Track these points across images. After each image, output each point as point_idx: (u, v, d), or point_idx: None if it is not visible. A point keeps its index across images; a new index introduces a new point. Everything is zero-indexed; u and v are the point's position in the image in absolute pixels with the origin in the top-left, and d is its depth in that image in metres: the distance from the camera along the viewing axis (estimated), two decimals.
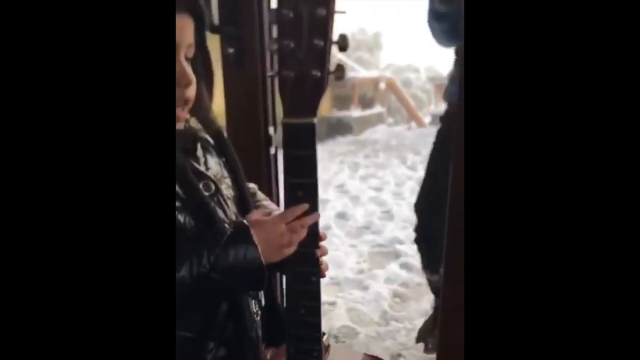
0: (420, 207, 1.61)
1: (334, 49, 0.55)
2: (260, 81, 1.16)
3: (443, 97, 1.49)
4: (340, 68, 0.56)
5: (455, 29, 1.14)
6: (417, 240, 1.67)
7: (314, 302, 0.70)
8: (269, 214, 0.72)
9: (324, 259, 0.71)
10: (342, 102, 8.41)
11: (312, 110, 0.57)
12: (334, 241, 3.15)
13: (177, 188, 0.66)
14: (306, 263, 0.68)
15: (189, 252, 0.64)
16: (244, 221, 0.68)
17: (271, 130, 1.23)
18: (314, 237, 0.66)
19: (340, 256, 2.91)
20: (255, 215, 0.74)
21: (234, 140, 0.82)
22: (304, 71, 0.55)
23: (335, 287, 2.55)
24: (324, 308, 0.72)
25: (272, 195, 1.27)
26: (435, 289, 1.63)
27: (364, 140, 7.52)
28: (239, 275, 0.66)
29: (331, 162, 5.29)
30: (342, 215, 3.68)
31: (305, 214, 0.63)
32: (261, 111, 1.19)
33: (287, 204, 0.64)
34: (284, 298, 0.72)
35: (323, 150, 6.00)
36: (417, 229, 1.65)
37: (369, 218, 3.67)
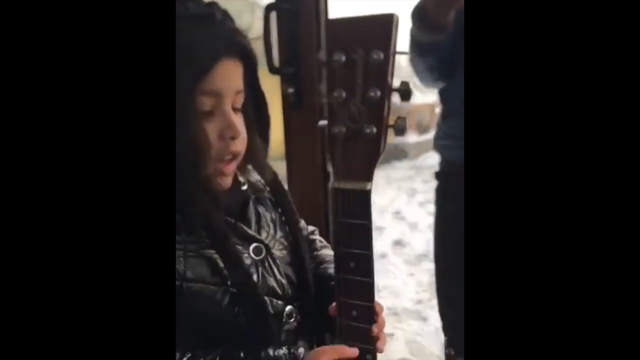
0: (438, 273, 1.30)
1: (395, 98, 0.47)
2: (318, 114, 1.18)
3: (434, 147, 1.25)
4: (402, 120, 0.47)
5: (442, 64, 1.02)
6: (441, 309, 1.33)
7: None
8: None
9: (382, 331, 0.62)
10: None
11: (367, 174, 0.48)
12: (390, 269, 3.06)
13: (219, 261, 0.63)
14: (361, 339, 0.59)
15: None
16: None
17: (329, 166, 1.22)
18: (368, 311, 0.57)
19: (398, 285, 2.82)
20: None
21: (294, 179, 0.77)
22: (357, 127, 0.47)
23: (393, 318, 2.45)
24: None
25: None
26: None
27: (419, 165, 7.42)
28: None
29: (388, 188, 5.19)
30: (399, 243, 3.58)
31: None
32: (320, 149, 1.18)
33: (338, 274, 0.56)
34: None
35: (379, 177, 5.97)
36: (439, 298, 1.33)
37: (427, 246, 3.55)
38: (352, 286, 0.56)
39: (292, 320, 0.69)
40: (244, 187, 0.73)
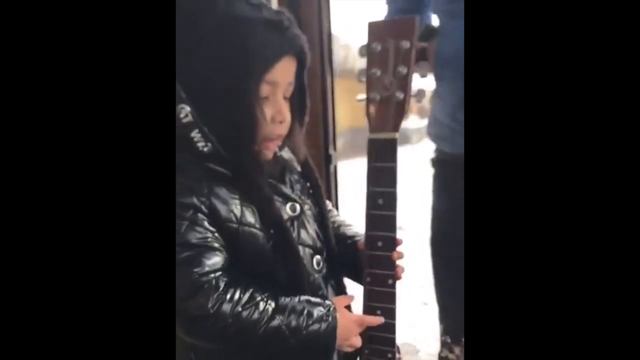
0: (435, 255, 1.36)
1: (416, 76, 0.67)
2: (322, 108, 1.30)
3: (427, 133, 1.30)
4: (421, 92, 0.68)
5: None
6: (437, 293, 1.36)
7: (390, 305, 0.77)
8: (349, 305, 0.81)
9: (400, 262, 0.78)
10: None
11: (395, 127, 0.68)
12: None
13: (261, 215, 0.75)
14: (384, 266, 0.76)
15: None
16: (331, 302, 0.78)
17: (331, 150, 1.35)
18: (391, 241, 0.75)
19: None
20: (342, 302, 0.81)
21: None
22: (389, 94, 0.67)
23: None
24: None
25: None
26: None
27: (421, 150, 7.41)
28: (304, 338, 0.73)
29: None
30: (400, 228, 3.59)
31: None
32: (322, 134, 1.31)
33: (369, 209, 0.73)
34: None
35: None
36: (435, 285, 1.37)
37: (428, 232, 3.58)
38: (379, 220, 0.73)
39: (320, 266, 0.84)
40: (282, 160, 0.87)
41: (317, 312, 0.75)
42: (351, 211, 1.03)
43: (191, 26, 0.67)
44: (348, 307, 0.82)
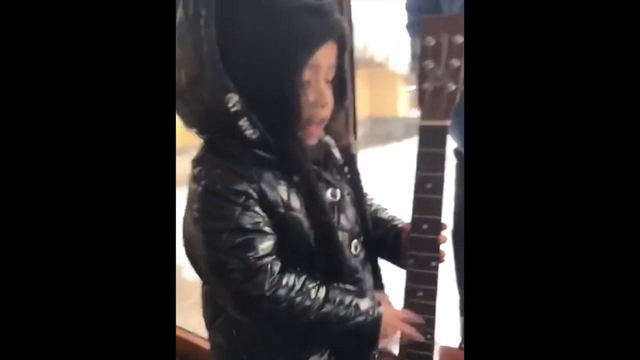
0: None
1: None
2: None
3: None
4: None
5: None
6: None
7: (431, 286, 0.81)
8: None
9: (443, 246, 0.82)
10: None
11: (447, 115, 0.72)
12: None
13: (305, 200, 0.78)
14: (428, 248, 0.80)
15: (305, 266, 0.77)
16: (375, 296, 0.81)
17: (351, 139, 1.37)
18: (437, 224, 0.78)
19: None
20: (386, 297, 0.84)
21: None
22: (441, 85, 0.71)
23: None
24: None
25: None
26: None
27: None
28: (349, 328, 0.77)
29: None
30: None
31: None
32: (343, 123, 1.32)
33: (417, 193, 0.77)
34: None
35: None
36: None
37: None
38: (426, 203, 0.77)
39: (357, 251, 0.88)
40: (325, 145, 0.90)
41: (364, 304, 0.79)
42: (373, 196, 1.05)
43: (236, 17, 0.69)
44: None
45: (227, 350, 0.89)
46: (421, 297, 0.82)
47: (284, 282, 0.75)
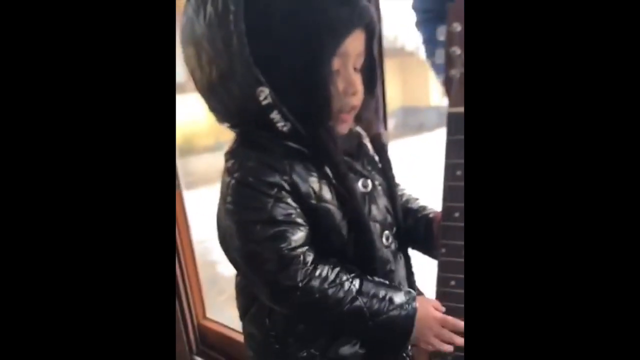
0: None
1: None
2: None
3: None
4: None
5: None
6: None
7: (463, 275, 0.80)
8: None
9: None
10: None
11: None
12: None
13: (337, 192, 0.78)
14: (460, 237, 0.77)
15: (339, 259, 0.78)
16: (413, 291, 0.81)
17: (382, 128, 1.36)
18: None
19: None
20: (425, 301, 0.82)
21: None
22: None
23: None
24: None
25: None
26: None
27: None
28: (382, 322, 0.77)
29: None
30: None
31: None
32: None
33: (447, 181, 0.76)
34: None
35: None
36: None
37: None
38: (456, 191, 0.75)
39: (389, 241, 0.88)
40: (356, 134, 0.90)
41: (398, 298, 0.79)
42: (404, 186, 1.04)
43: (264, 10, 0.69)
44: None
45: (259, 340, 0.90)
46: (454, 286, 0.82)
47: (317, 273, 0.76)
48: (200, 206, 2.05)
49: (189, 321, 2.11)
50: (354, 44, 0.73)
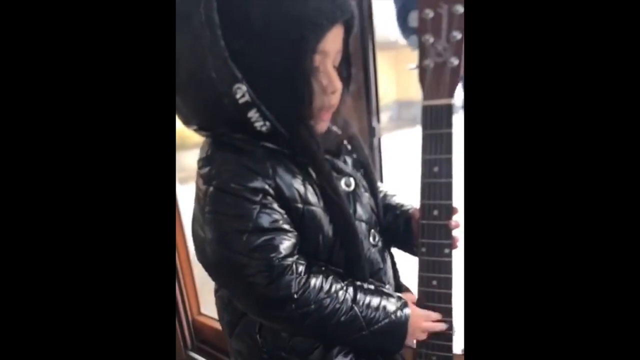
0: None
1: None
2: (364, 80, 1.25)
3: None
4: None
5: None
6: None
7: (446, 274, 0.77)
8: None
9: (456, 232, 0.77)
10: None
11: (451, 93, 0.67)
12: None
13: (322, 192, 0.74)
14: (440, 235, 0.75)
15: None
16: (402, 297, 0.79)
17: (374, 122, 1.32)
18: (448, 209, 0.74)
19: None
20: (412, 298, 0.81)
21: None
22: (443, 60, 0.66)
23: None
24: None
25: None
26: None
27: None
28: (377, 331, 0.75)
29: None
30: None
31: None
32: (365, 106, 1.27)
33: (424, 178, 0.73)
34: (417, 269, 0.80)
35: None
36: None
37: None
38: (434, 188, 0.72)
39: (376, 240, 0.84)
40: (335, 133, 0.85)
41: (391, 306, 0.76)
42: (396, 184, 1.02)
43: (239, 1, 0.63)
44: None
45: (247, 356, 0.86)
46: (436, 285, 0.79)
47: (311, 283, 0.72)
48: (193, 201, 2.03)
49: (183, 317, 2.08)
50: (334, 40, 0.69)
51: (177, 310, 2.06)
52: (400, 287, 0.94)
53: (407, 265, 0.90)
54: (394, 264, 0.93)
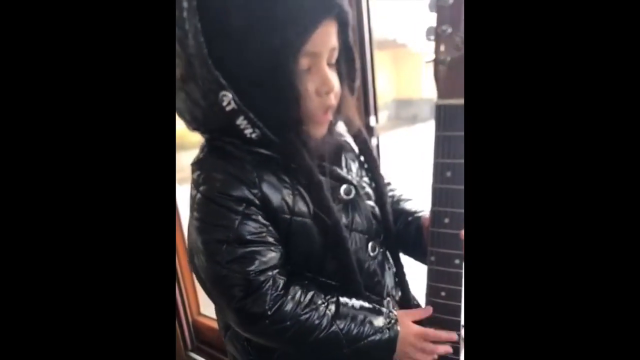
0: None
1: None
2: (361, 78, 1.19)
3: None
4: None
5: None
6: None
7: (455, 286, 0.72)
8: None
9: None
10: None
11: None
12: None
13: (312, 202, 0.71)
14: (450, 245, 0.70)
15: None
16: (395, 313, 0.74)
17: (372, 120, 1.27)
18: (459, 217, 0.68)
19: None
20: (411, 315, 0.77)
21: None
22: (460, 54, 0.60)
23: None
24: None
25: None
26: None
27: None
28: (361, 348, 0.70)
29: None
30: None
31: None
32: (362, 105, 1.23)
33: (435, 183, 0.67)
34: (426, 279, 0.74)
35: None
36: None
37: None
38: (446, 194, 0.67)
39: (375, 252, 0.79)
40: (337, 135, 0.81)
41: (378, 322, 0.72)
42: (395, 184, 0.97)
43: (219, 4, 0.61)
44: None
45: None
46: (444, 297, 0.74)
47: (288, 297, 0.68)
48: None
49: (183, 318, 2.08)
50: (325, 37, 0.65)
51: (177, 310, 2.05)
52: (409, 300, 0.89)
53: (420, 274, 0.85)
54: (401, 274, 0.88)
